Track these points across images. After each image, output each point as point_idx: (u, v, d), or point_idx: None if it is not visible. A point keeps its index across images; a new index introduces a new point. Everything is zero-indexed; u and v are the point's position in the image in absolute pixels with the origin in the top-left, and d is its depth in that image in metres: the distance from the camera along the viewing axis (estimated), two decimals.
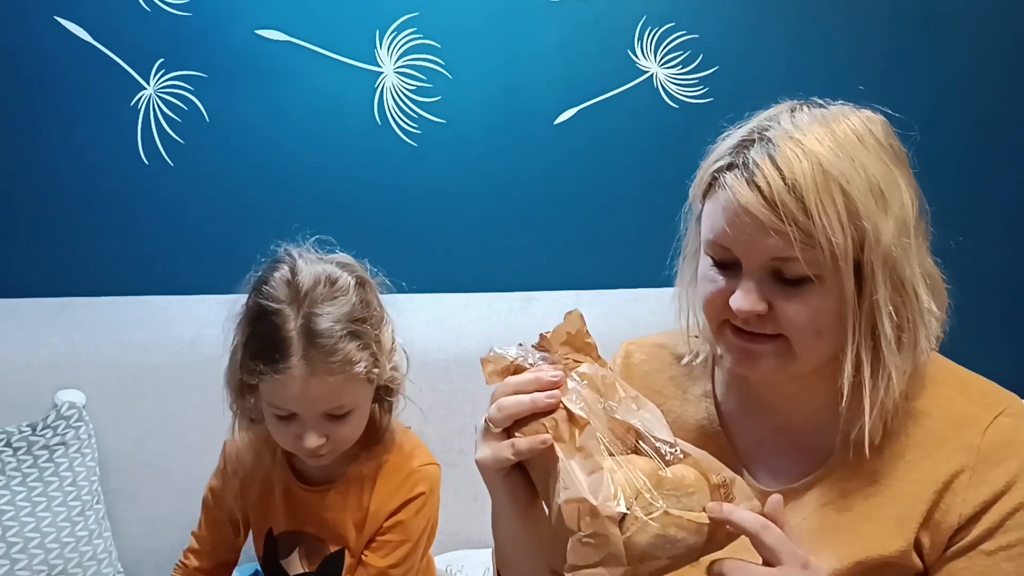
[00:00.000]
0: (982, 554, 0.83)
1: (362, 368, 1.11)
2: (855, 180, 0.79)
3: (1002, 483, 0.83)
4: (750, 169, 0.80)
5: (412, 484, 1.23)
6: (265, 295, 1.12)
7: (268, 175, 1.85)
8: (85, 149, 1.82)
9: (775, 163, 0.79)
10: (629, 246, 1.89)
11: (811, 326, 0.82)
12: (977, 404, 0.87)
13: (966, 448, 0.84)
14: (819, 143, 0.80)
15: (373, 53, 1.81)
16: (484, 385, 1.78)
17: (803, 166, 0.79)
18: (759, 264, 0.82)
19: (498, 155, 1.86)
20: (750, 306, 0.82)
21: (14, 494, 1.52)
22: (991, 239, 1.92)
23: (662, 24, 1.83)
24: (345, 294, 1.13)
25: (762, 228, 0.79)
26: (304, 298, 1.11)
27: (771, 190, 0.78)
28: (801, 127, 0.82)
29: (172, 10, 1.78)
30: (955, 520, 0.84)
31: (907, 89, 1.85)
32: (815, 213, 0.78)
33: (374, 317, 1.17)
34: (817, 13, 1.84)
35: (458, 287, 1.83)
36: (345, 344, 1.10)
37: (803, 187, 0.78)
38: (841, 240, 0.78)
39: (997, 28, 1.86)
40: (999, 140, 1.91)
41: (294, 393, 1.09)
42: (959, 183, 1.89)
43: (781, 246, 0.79)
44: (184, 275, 1.86)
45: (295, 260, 1.16)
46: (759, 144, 0.82)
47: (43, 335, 1.70)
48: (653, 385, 1.02)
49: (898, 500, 0.85)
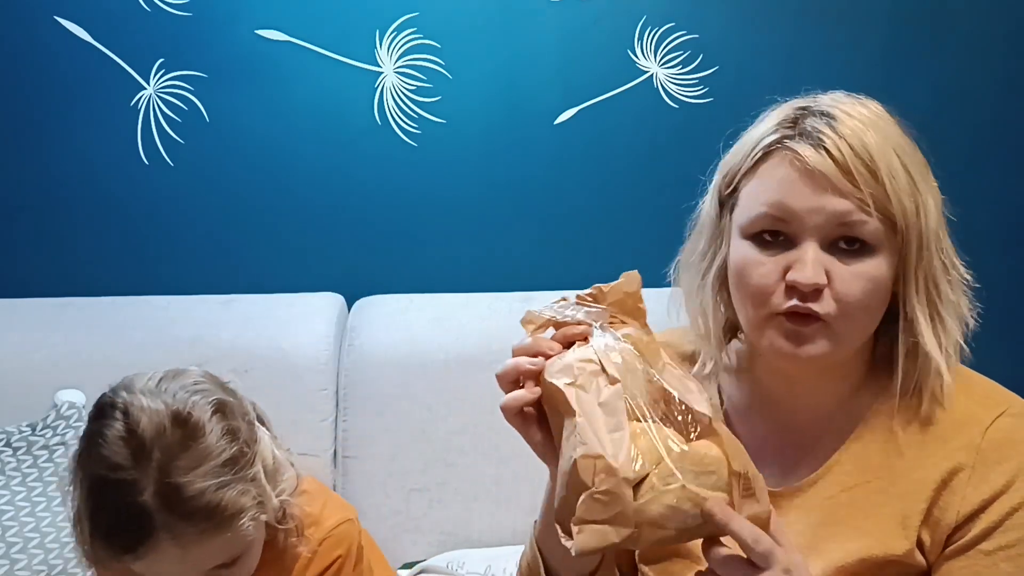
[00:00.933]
0: (980, 554, 0.83)
1: (248, 518, 0.91)
2: (911, 154, 0.83)
3: (1002, 482, 0.83)
4: (814, 137, 0.81)
5: (325, 555, 1.08)
6: (101, 461, 0.89)
7: (268, 175, 1.85)
8: (85, 149, 1.82)
9: (837, 132, 0.81)
10: (629, 246, 1.89)
11: (864, 299, 0.82)
12: (979, 404, 0.87)
13: (966, 447, 0.84)
14: (874, 119, 0.83)
15: (373, 53, 1.81)
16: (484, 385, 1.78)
17: (869, 135, 0.81)
18: (821, 231, 0.81)
19: (498, 155, 1.86)
20: (813, 276, 0.80)
21: (14, 494, 1.52)
22: (991, 238, 1.92)
23: (662, 24, 1.83)
24: (204, 435, 0.90)
25: (833, 190, 0.80)
26: (151, 455, 0.88)
27: (841, 154, 0.80)
28: (848, 105, 0.84)
29: (172, 10, 1.78)
30: (953, 518, 0.84)
31: (907, 89, 1.85)
32: (885, 178, 0.80)
33: (246, 448, 0.94)
34: (817, 13, 1.84)
35: (458, 287, 1.83)
36: (220, 499, 0.89)
37: (873, 153, 0.80)
38: (910, 206, 0.81)
39: (998, 27, 1.86)
40: (1000, 140, 1.90)
41: (171, 570, 0.91)
42: (959, 182, 1.89)
43: (851, 209, 0.80)
44: (184, 275, 1.86)
45: (127, 403, 0.91)
46: (814, 117, 0.83)
47: (43, 335, 1.70)
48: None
49: (900, 498, 0.85)
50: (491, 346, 1.69)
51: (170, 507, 0.87)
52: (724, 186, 0.89)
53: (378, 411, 1.68)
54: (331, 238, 1.88)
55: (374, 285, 1.84)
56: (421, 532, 1.64)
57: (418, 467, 1.66)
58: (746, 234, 0.85)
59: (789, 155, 0.82)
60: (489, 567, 1.52)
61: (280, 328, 1.72)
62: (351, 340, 1.73)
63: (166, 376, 0.96)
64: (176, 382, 0.95)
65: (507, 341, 0.83)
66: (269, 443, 1.01)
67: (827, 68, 1.84)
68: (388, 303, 1.79)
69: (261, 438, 0.99)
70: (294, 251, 1.88)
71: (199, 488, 0.88)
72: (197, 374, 0.99)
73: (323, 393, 1.69)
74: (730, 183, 0.88)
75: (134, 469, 0.88)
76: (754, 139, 0.86)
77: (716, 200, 0.90)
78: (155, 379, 0.96)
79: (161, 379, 0.96)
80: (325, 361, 1.70)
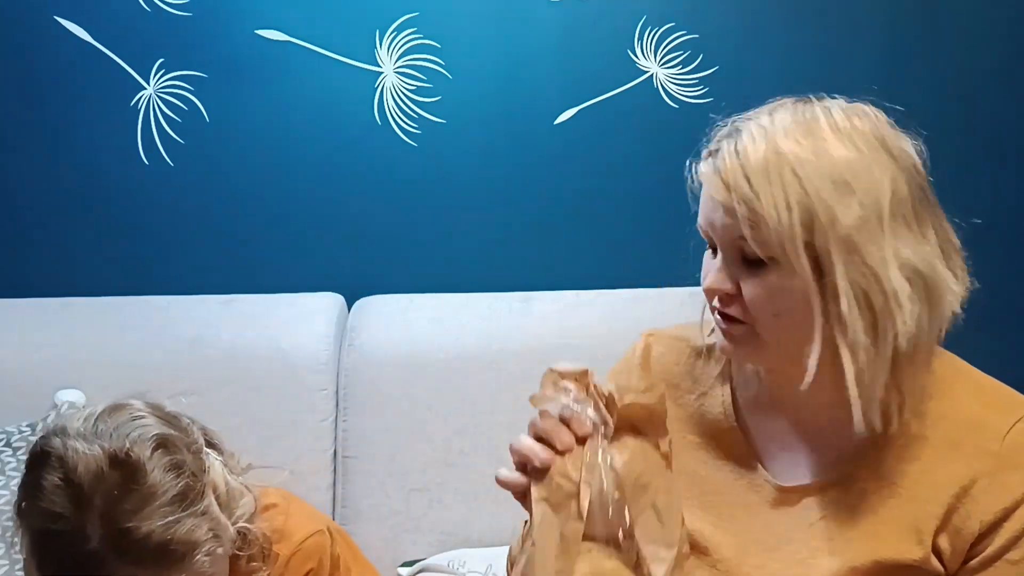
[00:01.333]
0: (1007, 564, 0.83)
1: (201, 555, 0.87)
2: (810, 165, 0.81)
3: (1023, 489, 0.83)
4: (720, 156, 0.85)
5: (296, 568, 1.06)
6: (42, 513, 0.85)
7: (268, 175, 1.85)
8: (85, 149, 1.82)
9: (735, 148, 0.84)
10: (629, 246, 1.89)
11: (769, 307, 0.84)
12: (993, 408, 0.86)
13: (984, 454, 0.84)
14: (782, 130, 0.83)
15: (373, 53, 1.81)
16: (484, 385, 1.79)
17: (757, 148, 0.82)
18: (726, 245, 0.86)
19: (498, 155, 1.86)
20: (714, 283, 0.87)
21: (14, 494, 1.52)
22: (990, 238, 1.92)
23: (662, 24, 1.83)
24: (146, 474, 0.86)
25: (721, 209, 0.84)
26: (93, 502, 0.84)
27: (727, 171, 0.83)
28: (774, 116, 0.86)
29: (172, 10, 1.78)
30: (976, 527, 0.83)
31: (907, 88, 1.85)
32: (762, 194, 0.81)
33: (193, 480, 0.90)
34: (817, 13, 1.84)
35: (458, 287, 1.83)
36: (171, 537, 0.85)
37: (752, 168, 0.82)
38: (786, 221, 0.80)
39: (998, 27, 1.86)
40: (1000, 140, 1.90)
41: None
42: (959, 182, 1.89)
43: (736, 226, 0.83)
44: (184, 275, 1.86)
45: (62, 450, 0.87)
46: (732, 136, 0.86)
47: (43, 335, 1.70)
48: (671, 379, 1.02)
49: (914, 503, 0.85)
50: (491, 346, 1.69)
51: (120, 553, 0.84)
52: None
53: (378, 411, 1.68)
54: (331, 238, 1.88)
55: (374, 285, 1.84)
56: (421, 532, 1.64)
57: (418, 467, 1.66)
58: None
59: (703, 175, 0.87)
60: (490, 566, 1.52)
61: (280, 328, 1.72)
62: (351, 340, 1.73)
63: (102, 415, 0.92)
64: (112, 420, 0.91)
65: (507, 341, 0.83)
66: (221, 470, 0.97)
67: (827, 68, 1.84)
68: (388, 303, 1.79)
69: (211, 466, 0.95)
70: (294, 251, 1.88)
71: (147, 530, 0.84)
72: (136, 408, 0.94)
73: (323, 393, 1.69)
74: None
75: (77, 519, 0.84)
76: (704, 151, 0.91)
77: None
78: (90, 420, 0.91)
79: (96, 419, 0.91)
80: (325, 361, 1.70)
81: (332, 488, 1.68)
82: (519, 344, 1.69)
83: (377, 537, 1.63)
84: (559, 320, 1.73)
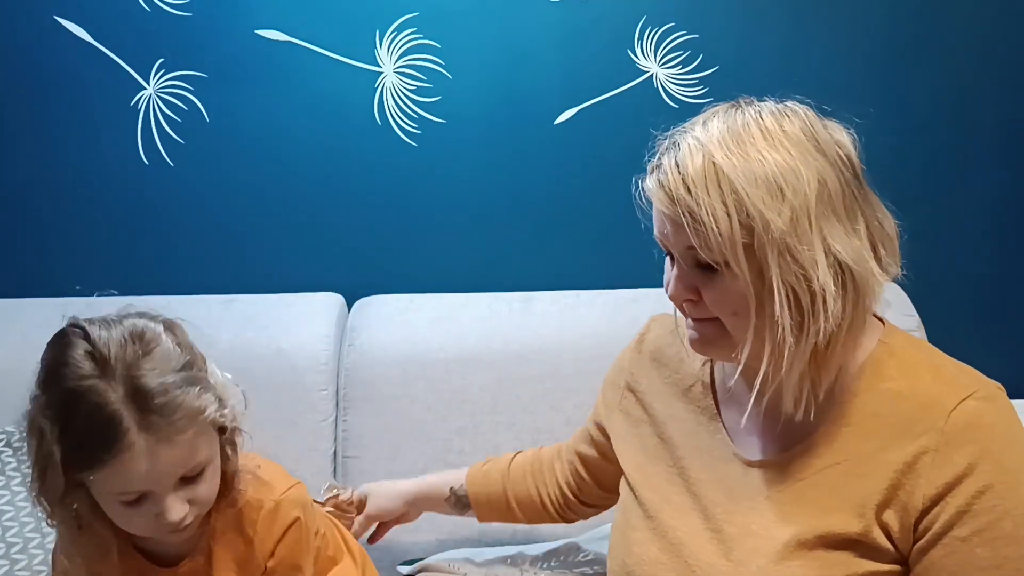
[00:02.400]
0: (956, 540, 0.84)
1: (211, 413, 0.97)
2: (743, 172, 0.86)
3: (964, 464, 0.84)
4: (663, 170, 0.90)
5: (284, 515, 1.10)
6: (69, 375, 0.95)
7: (268, 175, 1.85)
8: (85, 149, 1.82)
9: (675, 161, 0.89)
10: (630, 246, 1.87)
11: (727, 308, 0.90)
12: (946, 386, 0.89)
13: (931, 430, 0.86)
14: (716, 140, 0.88)
15: (373, 53, 1.81)
16: (484, 385, 1.80)
17: (695, 161, 0.87)
18: (680, 255, 0.92)
19: (498, 155, 1.86)
20: (676, 293, 0.93)
21: (14, 494, 1.52)
22: (989, 237, 1.92)
23: (662, 24, 1.83)
24: (160, 343, 0.98)
25: (669, 221, 0.90)
26: (116, 364, 0.94)
27: (670, 186, 0.88)
28: (708, 126, 0.90)
29: (172, 10, 1.78)
30: (919, 502, 0.85)
31: (906, 88, 1.85)
32: (702, 204, 0.86)
33: (197, 357, 1.02)
34: (817, 13, 1.84)
35: (458, 287, 1.83)
36: (184, 394, 0.95)
37: (692, 180, 0.87)
38: (726, 228, 0.85)
39: (998, 27, 1.86)
40: (1001, 139, 1.90)
41: (142, 470, 0.94)
42: (960, 182, 1.89)
43: (685, 237, 0.88)
44: (184, 275, 1.86)
45: (85, 330, 0.99)
46: (671, 149, 0.91)
47: (43, 335, 1.69)
48: (660, 357, 1.12)
49: (864, 478, 0.88)
50: (491, 346, 1.69)
51: (139, 404, 0.93)
52: None
53: (378, 411, 1.68)
54: (331, 238, 1.88)
55: (374, 285, 1.84)
56: (421, 532, 1.64)
57: (418, 467, 1.66)
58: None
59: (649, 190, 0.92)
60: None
61: (280, 328, 1.72)
62: (351, 340, 1.73)
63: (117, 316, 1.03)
64: (127, 314, 1.03)
65: (507, 341, 0.84)
66: (214, 368, 1.06)
67: (827, 68, 1.84)
68: (388, 303, 1.79)
69: (206, 358, 1.06)
70: (294, 251, 1.88)
71: (164, 384, 0.94)
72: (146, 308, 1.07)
73: (323, 393, 1.69)
74: None
75: (101, 377, 0.94)
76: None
77: None
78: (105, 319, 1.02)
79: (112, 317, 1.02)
80: (325, 361, 1.70)
81: None
82: (519, 344, 1.69)
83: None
84: (559, 320, 1.73)
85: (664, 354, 1.12)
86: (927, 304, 1.73)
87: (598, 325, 1.70)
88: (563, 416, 1.66)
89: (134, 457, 0.93)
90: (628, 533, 1.04)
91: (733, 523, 0.95)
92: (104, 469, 0.94)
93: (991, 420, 0.87)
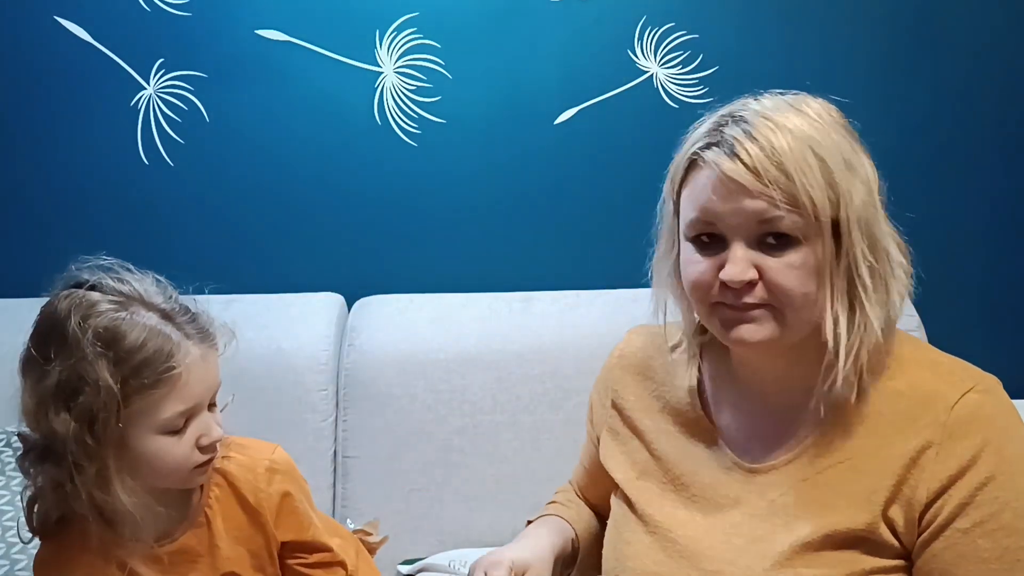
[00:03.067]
0: (958, 532, 0.85)
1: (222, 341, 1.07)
2: (827, 147, 0.86)
3: (967, 457, 0.85)
4: (729, 144, 0.87)
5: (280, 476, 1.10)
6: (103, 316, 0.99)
7: (268, 175, 1.85)
8: (85, 149, 1.82)
9: (751, 136, 0.86)
10: (629, 246, 1.86)
11: (799, 287, 0.87)
12: (946, 382, 0.89)
13: (933, 424, 0.87)
14: (789, 119, 0.87)
15: (373, 53, 1.81)
16: (484, 385, 1.79)
17: (778, 136, 0.86)
18: (745, 231, 0.87)
19: (498, 155, 1.86)
20: (740, 274, 0.87)
21: (14, 494, 1.52)
22: (990, 237, 1.92)
23: (662, 24, 1.83)
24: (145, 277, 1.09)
25: (747, 193, 0.86)
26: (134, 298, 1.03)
27: (751, 158, 0.85)
28: (769, 108, 0.89)
29: (172, 10, 1.78)
30: (924, 496, 0.86)
31: (906, 88, 1.85)
32: (795, 175, 0.84)
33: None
34: (817, 13, 1.84)
35: (458, 287, 1.83)
36: (209, 318, 1.08)
37: (782, 152, 0.85)
38: (821, 198, 0.84)
39: (997, 27, 1.86)
40: (1001, 139, 1.90)
41: (199, 377, 1.00)
42: (960, 182, 1.89)
43: (766, 208, 0.85)
44: (184, 275, 1.86)
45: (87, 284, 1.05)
46: (733, 124, 0.88)
47: None
48: (645, 370, 1.09)
49: (868, 475, 0.88)
50: (491, 346, 1.69)
51: (174, 321, 1.02)
52: (671, 191, 0.97)
53: (378, 411, 1.68)
54: (331, 238, 1.88)
55: (374, 285, 1.84)
56: (421, 532, 1.64)
57: (418, 467, 1.66)
58: (687, 236, 0.92)
59: (709, 164, 0.88)
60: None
61: (280, 328, 1.72)
62: (351, 340, 1.73)
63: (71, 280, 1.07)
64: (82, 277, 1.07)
65: (507, 341, 0.84)
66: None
67: (827, 68, 1.84)
68: (388, 303, 1.79)
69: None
70: (294, 251, 1.88)
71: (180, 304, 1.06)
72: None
73: (323, 393, 1.69)
74: (674, 189, 0.96)
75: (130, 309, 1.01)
76: (685, 148, 0.94)
77: (670, 203, 0.98)
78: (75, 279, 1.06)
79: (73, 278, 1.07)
80: (325, 361, 1.70)
81: (332, 488, 1.68)
82: (519, 344, 1.69)
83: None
84: (559, 320, 1.73)
85: (650, 367, 1.08)
86: (927, 304, 1.72)
87: (598, 325, 1.70)
88: (563, 416, 1.66)
89: (191, 366, 0.98)
90: (621, 548, 1.02)
91: (739, 532, 0.93)
92: (165, 386, 0.97)
93: (991, 412, 0.87)
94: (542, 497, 1.40)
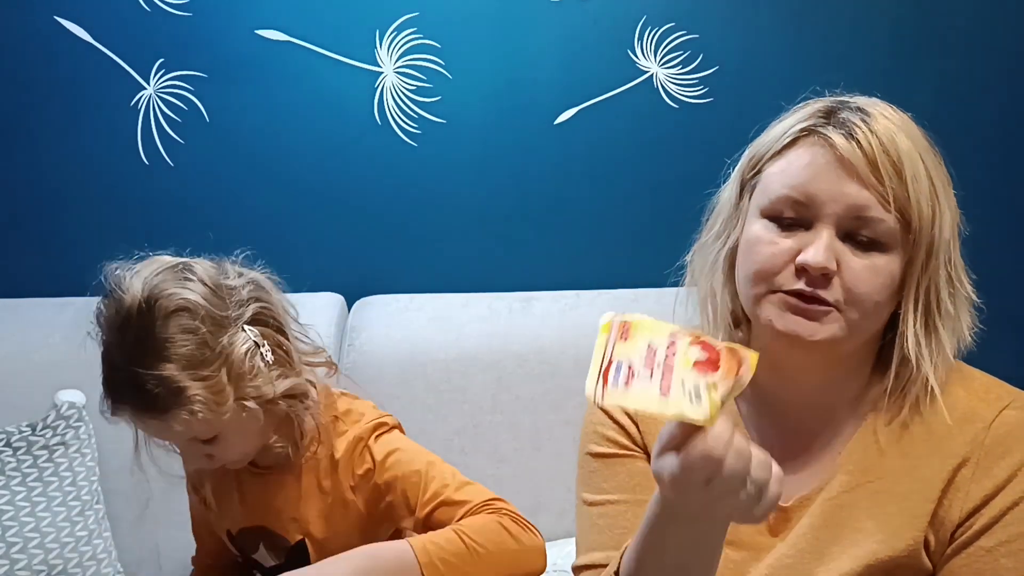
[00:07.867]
0: (981, 550, 0.83)
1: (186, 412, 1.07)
2: (935, 166, 0.85)
3: (1004, 476, 0.83)
4: (847, 127, 0.83)
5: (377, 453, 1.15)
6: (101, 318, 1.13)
7: (268, 175, 1.85)
8: (85, 149, 1.82)
9: (870, 127, 0.82)
10: (629, 246, 1.89)
11: (873, 293, 0.82)
12: (981, 400, 0.87)
13: (970, 443, 0.84)
14: (905, 123, 0.86)
15: (373, 53, 1.81)
16: (484, 385, 1.78)
17: (900, 136, 0.83)
18: (837, 219, 0.82)
19: (498, 155, 1.86)
20: (826, 260, 0.81)
21: (14, 494, 1.52)
22: (994, 237, 1.92)
23: (662, 24, 1.83)
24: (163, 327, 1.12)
25: (858, 180, 0.81)
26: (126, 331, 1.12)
27: (871, 147, 0.81)
28: (883, 107, 0.86)
29: (172, 10, 1.78)
30: (957, 515, 0.84)
31: (907, 88, 1.85)
32: (908, 179, 0.81)
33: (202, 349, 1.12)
34: (818, 13, 1.84)
35: (458, 287, 1.83)
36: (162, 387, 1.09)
37: (902, 153, 0.82)
38: (927, 211, 0.82)
39: (998, 26, 1.86)
40: (1002, 139, 1.90)
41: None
42: (960, 182, 1.89)
43: (871, 203, 0.81)
44: None
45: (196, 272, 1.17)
46: (849, 111, 0.85)
47: (43, 335, 1.70)
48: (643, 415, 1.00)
49: (905, 498, 0.85)
50: (491, 346, 1.69)
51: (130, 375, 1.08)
52: (748, 169, 0.90)
53: None
54: (331, 238, 1.88)
55: (374, 285, 1.84)
56: None
57: None
58: (765, 213, 0.86)
59: (820, 141, 0.83)
60: None
61: None
62: (351, 340, 1.73)
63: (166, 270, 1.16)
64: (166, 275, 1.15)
65: (507, 341, 0.83)
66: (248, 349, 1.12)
67: (827, 68, 1.84)
68: (388, 303, 1.79)
69: (235, 343, 1.11)
70: (294, 251, 1.88)
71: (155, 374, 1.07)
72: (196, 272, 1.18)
73: None
74: (755, 166, 0.89)
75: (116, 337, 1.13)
76: (786, 125, 0.88)
77: (738, 183, 0.91)
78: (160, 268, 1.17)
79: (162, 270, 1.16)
80: None
81: None
82: (519, 344, 1.69)
83: None
84: (559, 320, 1.73)
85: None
86: None
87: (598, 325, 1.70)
88: (563, 416, 1.66)
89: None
90: None
91: (768, 564, 0.88)
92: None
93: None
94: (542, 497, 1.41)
